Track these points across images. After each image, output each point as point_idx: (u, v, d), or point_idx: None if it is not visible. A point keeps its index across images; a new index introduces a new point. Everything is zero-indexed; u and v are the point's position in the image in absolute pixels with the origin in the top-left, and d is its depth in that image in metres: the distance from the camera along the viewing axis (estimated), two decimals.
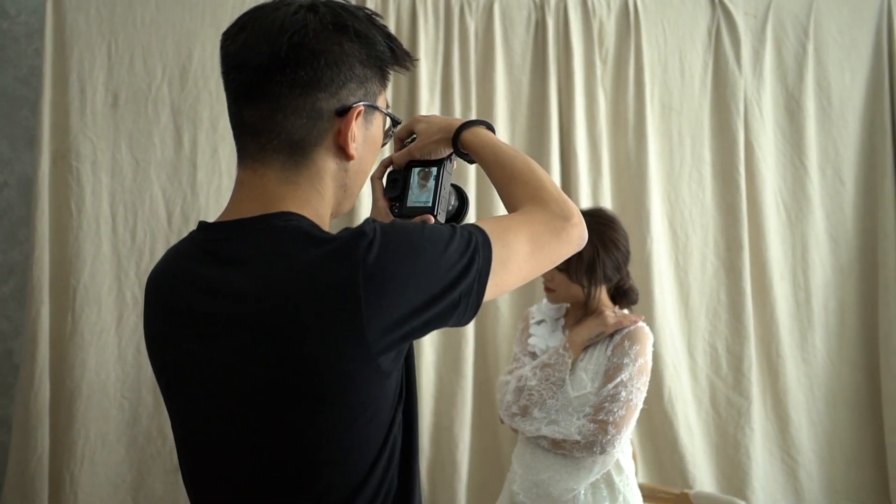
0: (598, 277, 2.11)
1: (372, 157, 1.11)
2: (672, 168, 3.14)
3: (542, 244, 1.08)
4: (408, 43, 2.91)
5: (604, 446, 1.99)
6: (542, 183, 1.14)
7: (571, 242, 1.12)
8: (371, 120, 1.08)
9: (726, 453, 3.09)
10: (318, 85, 1.02)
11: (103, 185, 2.66)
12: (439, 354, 2.93)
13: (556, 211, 1.11)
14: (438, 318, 0.97)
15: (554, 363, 2.09)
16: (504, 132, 2.99)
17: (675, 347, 3.07)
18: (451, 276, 0.96)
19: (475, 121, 1.24)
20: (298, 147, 1.03)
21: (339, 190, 1.08)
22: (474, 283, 0.98)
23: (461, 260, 0.97)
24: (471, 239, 0.99)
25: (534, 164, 1.17)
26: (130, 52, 2.69)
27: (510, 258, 1.03)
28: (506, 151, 1.19)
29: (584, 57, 3.05)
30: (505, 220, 1.09)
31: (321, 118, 1.02)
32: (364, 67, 1.05)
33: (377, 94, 1.08)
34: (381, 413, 0.98)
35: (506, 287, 1.05)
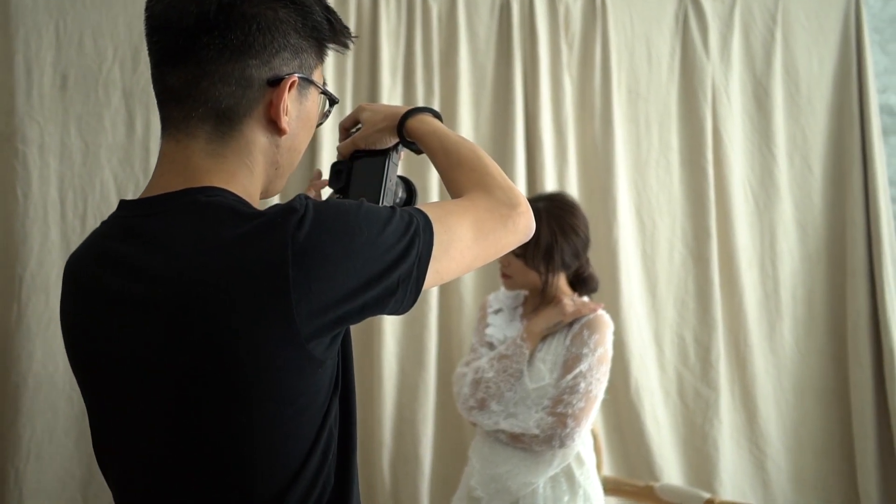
0: (556, 264, 2.05)
1: (306, 136, 1.06)
2: (639, 155, 3.09)
3: (487, 231, 1.03)
4: (369, 26, 2.84)
5: (563, 440, 1.92)
6: (488, 170, 1.09)
7: (518, 231, 1.07)
8: (306, 95, 1.02)
9: (694, 445, 3.05)
10: (249, 51, 0.96)
11: (51, 170, 2.57)
12: (402, 346, 2.86)
13: (502, 198, 1.06)
14: (374, 304, 0.91)
15: (511, 354, 2.02)
16: (468, 118, 2.93)
17: (642, 337, 3.02)
18: (389, 258, 0.90)
19: (421, 108, 1.19)
20: (226, 117, 0.97)
21: (269, 167, 1.02)
22: (414, 267, 0.93)
23: (400, 242, 0.92)
24: (411, 221, 0.94)
25: (480, 152, 1.12)
26: (80, 32, 2.59)
27: (453, 244, 0.98)
28: (452, 139, 1.14)
29: (549, 41, 2.99)
30: (449, 204, 1.03)
31: (251, 87, 0.96)
32: (299, 37, 0.99)
33: (313, 67, 1.03)
34: (313, 404, 0.92)
35: (447, 274, 1.00)
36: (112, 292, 0.95)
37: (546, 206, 2.07)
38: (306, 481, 0.92)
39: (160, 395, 0.91)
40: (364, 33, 2.84)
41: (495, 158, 2.90)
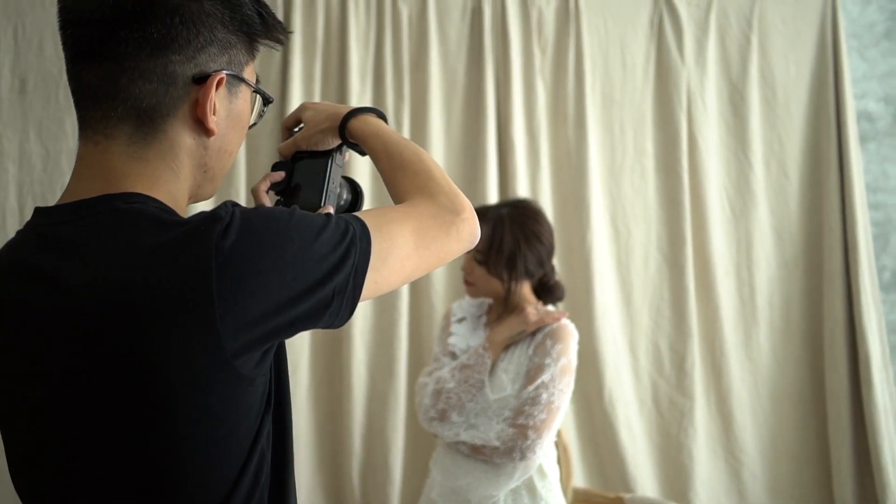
0: (520, 272, 2.01)
1: (237, 137, 1.00)
2: (613, 161, 3.05)
3: (430, 239, 0.99)
4: (337, 30, 2.80)
5: (524, 452, 1.88)
6: (431, 174, 1.05)
7: (462, 239, 1.03)
8: (236, 93, 0.97)
9: (668, 455, 3.01)
10: (172, 45, 0.90)
11: (10, 176, 2.51)
12: (371, 354, 2.81)
13: (446, 204, 1.02)
14: (307, 318, 0.86)
15: (473, 364, 1.98)
16: (439, 123, 2.88)
17: (616, 346, 2.98)
18: (323, 269, 0.86)
19: (364, 108, 1.14)
20: (147, 117, 0.91)
21: (197, 170, 0.96)
22: (350, 278, 0.88)
23: (334, 252, 0.87)
24: (347, 230, 0.89)
25: (424, 155, 1.08)
26: (39, 35, 2.54)
27: (392, 253, 0.94)
28: (395, 141, 1.09)
29: (522, 46, 2.95)
30: (388, 211, 0.99)
31: (174, 84, 0.91)
32: (227, 31, 0.94)
33: (243, 64, 0.97)
34: (241, 424, 0.88)
35: (387, 285, 0.95)
36: (25, 305, 0.89)
37: (510, 213, 2.03)
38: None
39: (79, 414, 0.86)
40: (333, 37, 2.80)
41: (467, 163, 2.88)
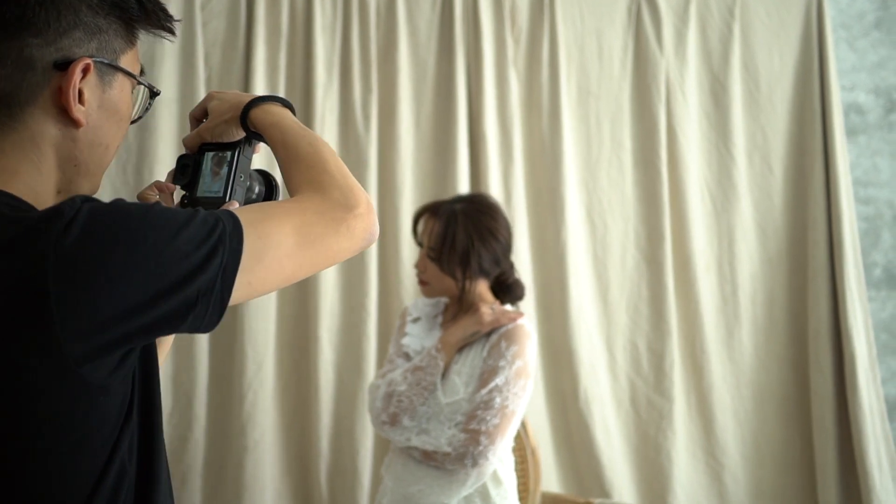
0: (474, 270, 1.92)
1: (113, 129, 0.94)
2: (590, 154, 2.97)
3: (314, 237, 0.91)
4: (303, 19, 2.72)
5: (476, 458, 1.80)
6: (325, 167, 0.98)
7: (354, 237, 0.95)
8: (109, 82, 0.91)
9: (647, 457, 2.93)
10: (29, 28, 0.85)
11: None
12: (339, 353, 2.74)
13: (338, 199, 0.95)
14: (167, 321, 0.80)
15: (425, 366, 1.90)
16: (408, 115, 2.80)
17: (592, 345, 2.90)
18: (184, 269, 0.79)
19: (269, 97, 1.06)
20: (3, 104, 0.86)
21: (65, 164, 0.90)
22: (217, 279, 0.81)
23: (199, 251, 0.80)
24: (216, 226, 0.82)
25: (322, 147, 1.01)
26: None
27: (268, 251, 0.86)
28: (294, 131, 1.02)
29: (494, 36, 2.87)
30: (269, 206, 0.93)
31: (32, 70, 0.86)
32: (96, 15, 0.88)
33: (119, 52, 0.92)
34: (95, 436, 0.81)
35: (263, 287, 0.88)
36: None
37: (463, 208, 1.95)
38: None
39: None
40: (298, 27, 2.72)
41: (437, 157, 2.80)
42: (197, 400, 2.60)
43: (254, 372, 2.60)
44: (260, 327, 2.62)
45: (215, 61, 2.67)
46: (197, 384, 2.59)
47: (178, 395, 2.60)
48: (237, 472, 2.60)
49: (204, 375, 2.61)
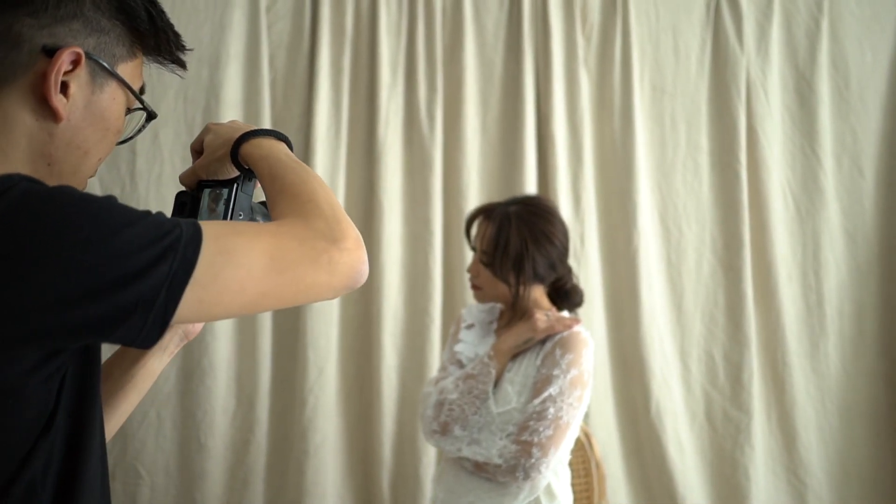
0: (528, 275, 1.84)
1: (96, 136, 0.88)
2: (664, 156, 2.85)
3: (288, 264, 0.81)
4: (368, 20, 2.68)
5: (527, 471, 1.71)
6: (312, 196, 0.89)
7: (336, 271, 0.84)
8: (102, 86, 0.87)
9: (722, 472, 2.79)
10: (26, 5, 0.81)
11: None
12: (403, 358, 2.69)
13: (322, 229, 0.85)
14: (95, 326, 0.71)
15: (477, 374, 1.82)
16: (475, 117, 2.74)
17: (664, 355, 2.77)
18: (121, 270, 0.71)
19: (262, 131, 0.99)
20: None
21: (38, 159, 0.84)
22: (161, 290, 0.72)
23: (142, 253, 0.72)
24: (170, 232, 0.74)
25: (311, 179, 0.92)
26: None
27: (228, 270, 0.77)
28: (283, 163, 0.94)
29: (564, 34, 2.78)
30: (244, 224, 0.85)
31: (18, 48, 0.81)
32: (100, 13, 0.85)
33: (118, 58, 0.88)
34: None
35: (218, 308, 0.78)
36: None
37: (517, 211, 1.86)
38: None
39: None
40: (363, 28, 2.69)
41: (503, 160, 2.73)
42: (259, 403, 2.59)
43: (315, 377, 2.58)
44: (322, 331, 2.60)
45: (280, 64, 2.66)
46: (259, 387, 2.59)
47: (241, 397, 2.59)
48: (298, 477, 2.58)
49: (266, 378, 2.61)
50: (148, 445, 2.53)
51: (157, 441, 2.53)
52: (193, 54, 2.55)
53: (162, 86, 2.56)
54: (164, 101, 2.56)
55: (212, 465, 2.55)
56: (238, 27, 2.61)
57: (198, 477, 2.53)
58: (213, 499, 2.54)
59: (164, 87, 2.56)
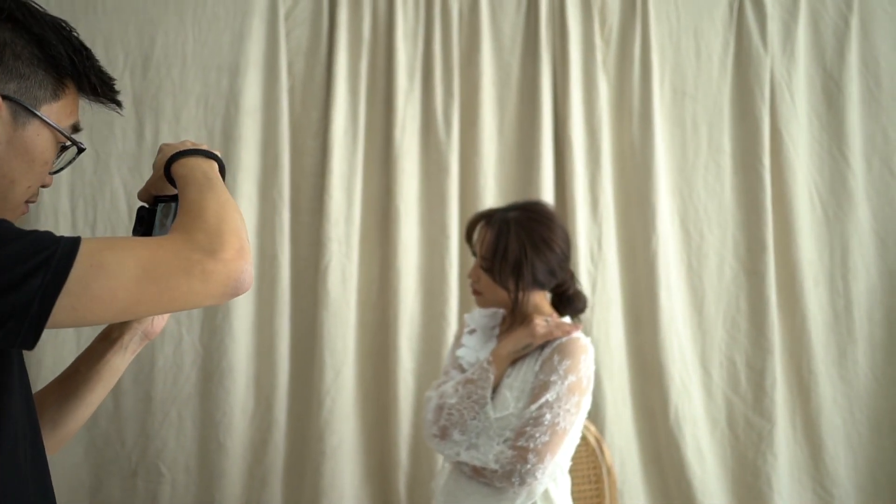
0: (527, 281, 1.84)
1: (22, 167, 0.99)
2: (685, 159, 2.81)
3: (160, 275, 0.89)
4: (385, 26, 2.71)
5: (523, 476, 1.72)
6: (201, 213, 0.97)
7: (209, 281, 0.91)
8: (24, 124, 0.98)
9: (744, 481, 2.74)
10: None
11: (62, 179, 2.57)
12: (418, 362, 2.71)
13: (200, 241, 0.93)
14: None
15: (476, 379, 1.83)
16: (491, 121, 2.74)
17: (683, 360, 2.74)
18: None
19: (194, 150, 1.08)
20: None
21: None
22: (35, 300, 0.83)
23: (17, 267, 0.82)
24: (45, 248, 0.84)
25: (209, 195, 1.00)
26: (91, 40, 2.58)
27: (97, 280, 0.86)
28: (193, 180, 1.03)
29: (582, 37, 2.77)
30: (125, 239, 0.93)
31: None
32: (19, 61, 0.96)
33: (41, 100, 0.99)
34: None
35: (92, 314, 0.88)
36: None
37: (516, 217, 1.87)
38: None
39: None
40: (379, 33, 2.72)
41: (520, 164, 2.73)
42: (277, 404, 2.63)
43: (332, 379, 2.61)
44: (339, 334, 2.63)
45: (298, 70, 2.70)
46: (277, 388, 2.63)
47: (260, 398, 2.64)
48: (315, 478, 2.61)
49: (284, 380, 2.65)
50: (169, 444, 2.59)
51: (178, 440, 2.60)
52: (213, 62, 2.63)
53: (184, 93, 2.62)
54: (186, 108, 2.62)
55: (231, 464, 2.60)
56: (257, 34, 2.66)
57: (217, 476, 2.59)
58: (232, 498, 2.60)
59: (186, 95, 2.63)
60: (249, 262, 0.95)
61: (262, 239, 2.65)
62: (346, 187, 2.66)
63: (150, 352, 2.58)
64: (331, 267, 2.63)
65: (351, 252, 2.66)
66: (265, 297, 2.64)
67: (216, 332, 2.60)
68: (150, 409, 2.58)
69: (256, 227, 2.65)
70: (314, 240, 2.67)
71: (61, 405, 1.15)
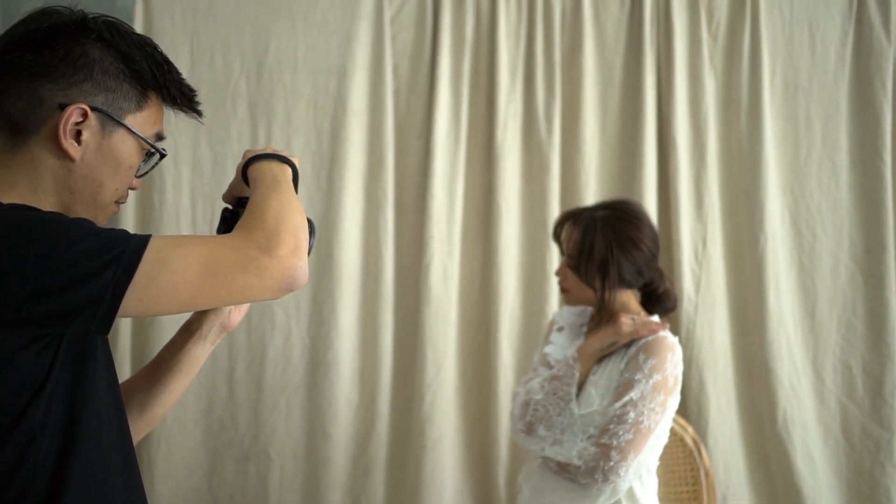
0: (613, 280, 1.84)
1: (110, 172, 1.09)
2: (797, 156, 2.71)
3: (219, 270, 0.98)
4: (487, 27, 2.74)
5: (606, 473, 1.72)
6: (263, 212, 1.05)
7: (265, 277, 1.00)
8: (111, 133, 1.07)
9: (860, 491, 2.63)
10: (46, 74, 1.04)
11: (184, 179, 2.74)
12: (519, 358, 2.73)
13: (257, 239, 1.01)
14: (56, 317, 0.93)
15: (562, 376, 1.85)
16: (593, 120, 2.73)
17: (793, 364, 2.65)
18: (72, 275, 0.92)
19: (267, 155, 1.17)
20: (17, 130, 1.05)
21: (62, 190, 1.07)
22: (107, 291, 0.93)
23: (90, 262, 0.93)
24: (116, 245, 0.95)
25: (271, 196, 1.08)
26: (211, 49, 2.75)
27: (163, 275, 0.96)
28: (262, 183, 1.11)
29: (688, 33, 2.72)
30: (190, 237, 1.03)
31: (40, 106, 1.04)
32: (107, 76, 1.07)
33: (126, 111, 1.08)
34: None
35: (157, 306, 0.98)
36: None
37: (604, 216, 1.87)
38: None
39: None
40: (482, 35, 2.75)
41: (623, 162, 2.72)
42: (381, 396, 2.71)
43: (433, 374, 2.67)
44: (440, 331, 2.69)
45: (403, 72, 2.77)
46: (380, 381, 2.71)
47: (364, 391, 2.73)
48: (417, 469, 2.68)
49: (387, 373, 2.72)
50: (278, 431, 2.71)
51: (287, 428, 2.72)
52: (322, 65, 2.73)
53: (294, 96, 2.74)
54: (296, 110, 2.74)
55: (336, 453, 2.70)
56: (364, 38, 2.74)
57: (322, 464, 2.69)
58: (336, 485, 2.70)
59: (297, 98, 2.74)
60: (303, 260, 1.03)
61: (367, 236, 2.74)
62: (449, 186, 2.72)
63: (261, 343, 2.71)
64: (433, 265, 2.69)
65: (452, 250, 2.71)
66: (370, 292, 2.73)
67: (323, 326, 2.70)
68: (261, 397, 2.71)
69: (361, 225, 2.74)
70: (417, 238, 2.74)
71: (149, 390, 1.26)
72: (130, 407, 1.23)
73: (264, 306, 2.68)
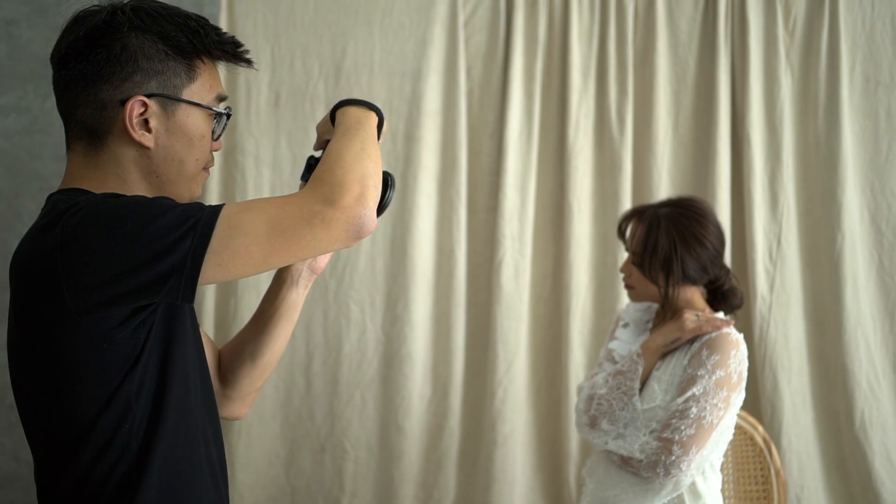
0: (677, 276, 1.85)
1: (185, 147, 1.15)
2: (877, 153, 2.67)
3: (286, 228, 1.02)
4: (560, 27, 2.77)
5: (668, 468, 1.74)
6: (332, 164, 1.06)
7: (331, 229, 1.02)
8: (173, 111, 1.13)
9: None
10: (99, 78, 1.10)
11: (265, 179, 2.84)
12: (590, 356, 2.75)
13: (322, 193, 1.03)
14: (147, 289, 1.00)
15: (626, 370, 1.87)
16: (666, 118, 2.74)
17: (872, 364, 2.60)
18: (156, 248, 0.99)
19: (356, 101, 1.21)
20: (94, 135, 1.13)
21: (149, 176, 1.15)
22: (187, 259, 0.99)
23: (170, 234, 0.99)
24: (190, 217, 1.01)
25: (347, 145, 1.10)
26: (291, 53, 2.84)
27: (235, 238, 1.01)
28: (343, 129, 1.14)
29: (764, 30, 2.70)
30: (258, 201, 1.07)
31: (105, 108, 1.11)
32: (152, 61, 1.11)
33: (180, 86, 1.13)
34: (99, 376, 1.05)
35: (235, 268, 1.03)
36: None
37: (668, 213, 1.88)
38: (98, 442, 1.05)
39: (10, 365, 1.14)
40: (555, 35, 2.78)
41: (695, 161, 2.72)
42: (453, 391, 2.77)
43: (504, 370, 2.71)
44: (511, 327, 2.72)
45: (477, 73, 2.82)
46: (453, 376, 2.76)
47: (436, 386, 2.79)
48: (488, 464, 2.72)
49: (460, 368, 2.77)
50: (353, 424, 2.79)
51: (361, 421, 2.79)
52: (397, 68, 2.80)
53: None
54: None
55: (409, 446, 2.76)
56: (438, 41, 2.80)
57: (396, 457, 2.76)
58: (409, 477, 2.76)
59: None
60: (368, 208, 1.04)
61: (440, 235, 2.80)
62: (521, 185, 2.75)
63: (337, 339, 2.78)
64: (504, 262, 2.73)
65: (524, 248, 2.75)
66: (442, 289, 2.79)
67: (396, 322, 2.77)
68: (337, 390, 2.79)
69: (435, 224, 2.79)
70: (489, 236, 2.78)
71: (256, 340, 1.35)
72: (242, 358, 1.34)
73: (341, 304, 2.76)
